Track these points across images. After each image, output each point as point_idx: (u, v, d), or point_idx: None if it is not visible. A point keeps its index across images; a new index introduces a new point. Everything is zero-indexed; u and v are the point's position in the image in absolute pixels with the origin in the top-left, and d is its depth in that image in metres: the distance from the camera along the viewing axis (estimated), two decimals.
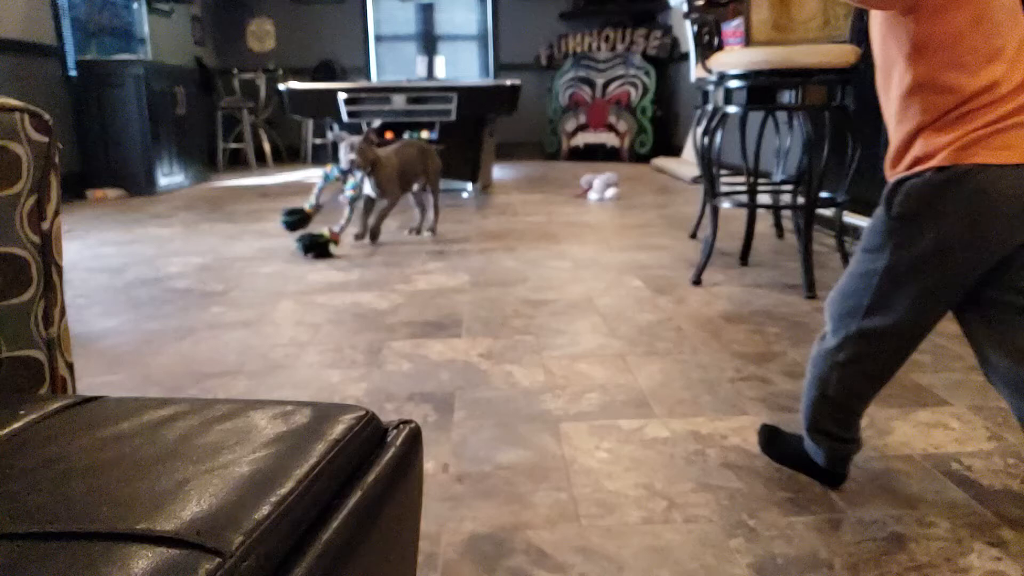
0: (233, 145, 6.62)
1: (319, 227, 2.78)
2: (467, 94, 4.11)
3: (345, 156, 2.70)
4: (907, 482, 1.06)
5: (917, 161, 0.84)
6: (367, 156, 2.73)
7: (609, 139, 6.44)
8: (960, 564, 0.87)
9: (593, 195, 4.17)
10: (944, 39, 0.80)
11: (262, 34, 7.07)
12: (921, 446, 1.17)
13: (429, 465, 1.13)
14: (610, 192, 4.13)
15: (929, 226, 0.82)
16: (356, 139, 2.74)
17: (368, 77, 7.21)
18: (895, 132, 0.87)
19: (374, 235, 2.89)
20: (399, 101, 4.13)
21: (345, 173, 2.77)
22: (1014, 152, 0.78)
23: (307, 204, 2.83)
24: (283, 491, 0.43)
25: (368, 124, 3.31)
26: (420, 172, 3.00)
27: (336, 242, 2.71)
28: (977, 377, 1.45)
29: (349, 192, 2.82)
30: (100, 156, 4.62)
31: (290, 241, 2.87)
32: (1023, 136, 0.78)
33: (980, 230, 0.81)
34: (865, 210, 2.53)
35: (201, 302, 2.13)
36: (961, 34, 0.79)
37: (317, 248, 2.65)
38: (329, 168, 2.85)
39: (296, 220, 2.82)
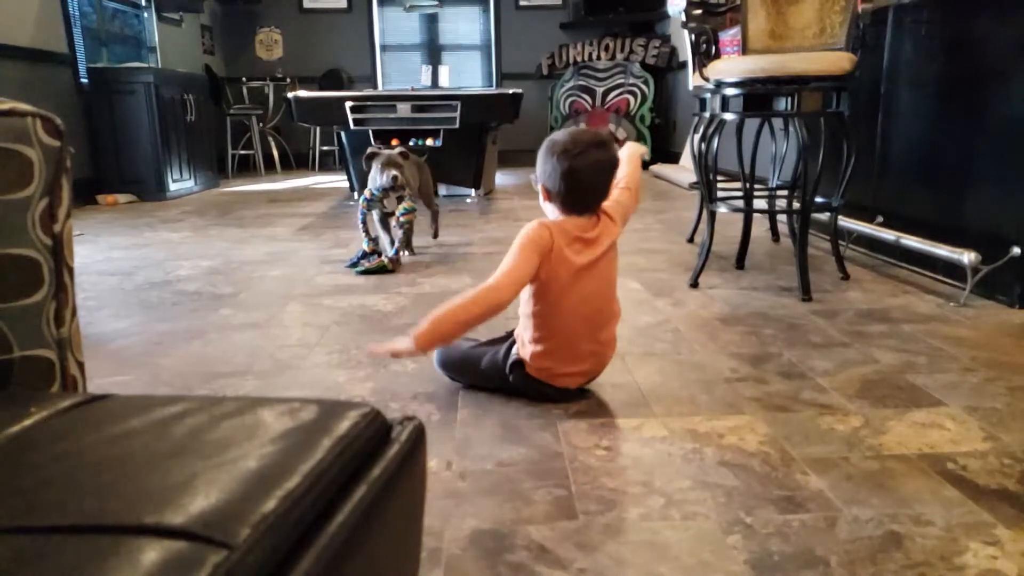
0: (242, 151, 6.67)
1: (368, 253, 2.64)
2: (470, 102, 4.14)
3: (384, 175, 2.53)
4: (903, 481, 1.07)
5: (523, 344, 1.36)
6: (406, 171, 2.58)
7: None
8: (956, 563, 0.88)
9: None
10: (532, 309, 1.33)
11: (270, 43, 7.12)
12: (916, 446, 1.18)
13: (433, 463, 1.14)
14: None
15: (524, 387, 1.38)
16: (392, 153, 2.57)
17: (374, 85, 7.25)
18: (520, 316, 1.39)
19: (410, 246, 2.81)
20: (404, 109, 4.16)
21: (387, 191, 2.56)
22: (554, 379, 1.36)
23: (364, 244, 2.61)
24: (290, 486, 0.43)
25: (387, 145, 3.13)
26: (417, 183, 3.00)
27: (394, 269, 2.54)
28: (972, 378, 1.46)
29: (403, 217, 2.61)
30: (111, 162, 4.67)
31: (300, 247, 2.89)
32: (558, 373, 1.36)
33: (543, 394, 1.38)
34: (860, 214, 2.55)
35: (210, 304, 2.15)
36: (535, 311, 1.32)
37: (378, 273, 2.52)
38: (368, 194, 2.60)
39: (369, 263, 2.57)
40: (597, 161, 1.28)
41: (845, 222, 2.50)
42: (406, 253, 2.75)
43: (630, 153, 1.58)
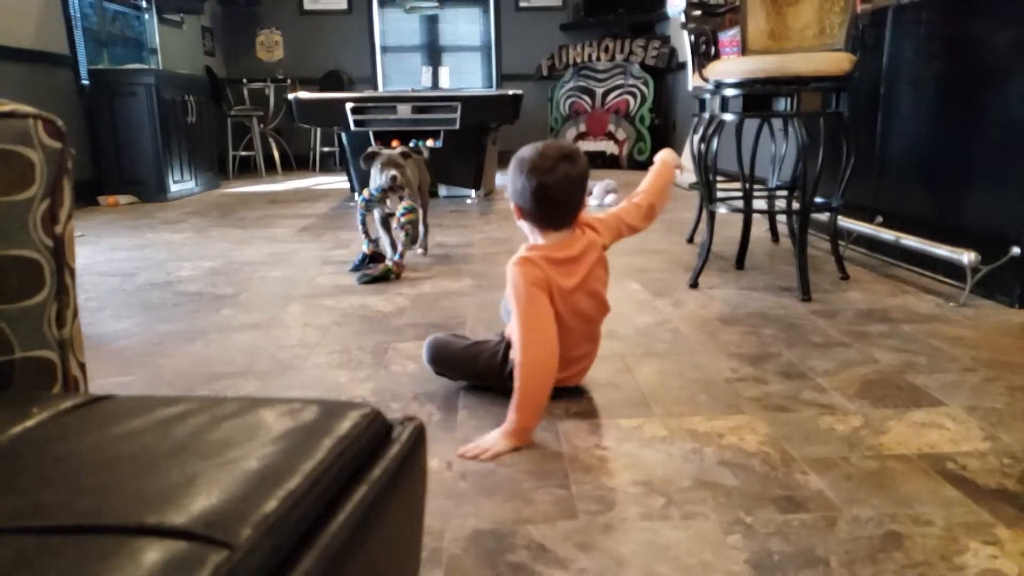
0: (243, 153, 6.68)
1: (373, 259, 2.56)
2: (470, 103, 4.14)
3: (384, 175, 2.45)
4: (902, 481, 1.07)
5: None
6: (407, 172, 2.47)
7: (608, 147, 6.47)
8: (956, 562, 0.88)
9: (593, 201, 4.19)
10: None
11: (271, 44, 7.13)
12: (916, 445, 1.18)
13: (433, 463, 1.14)
14: (609, 198, 4.15)
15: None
16: (392, 153, 2.48)
17: (374, 87, 7.26)
18: None
19: (416, 243, 2.68)
20: (405, 110, 4.17)
21: (386, 191, 2.47)
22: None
23: (364, 246, 2.54)
24: (291, 485, 0.43)
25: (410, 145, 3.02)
26: (418, 182, 2.93)
27: (399, 274, 2.44)
28: (972, 378, 1.46)
29: (404, 218, 2.46)
30: (112, 163, 4.67)
31: (300, 248, 2.89)
32: (558, 378, 1.31)
33: None
34: (860, 215, 2.55)
35: (211, 305, 2.16)
36: None
37: (382, 280, 2.40)
38: (367, 194, 2.50)
39: (366, 266, 2.51)
40: (567, 175, 1.26)
41: (845, 222, 2.51)
42: (418, 251, 2.69)
43: (663, 159, 1.52)
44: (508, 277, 1.27)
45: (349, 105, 4.16)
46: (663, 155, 1.55)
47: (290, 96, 4.34)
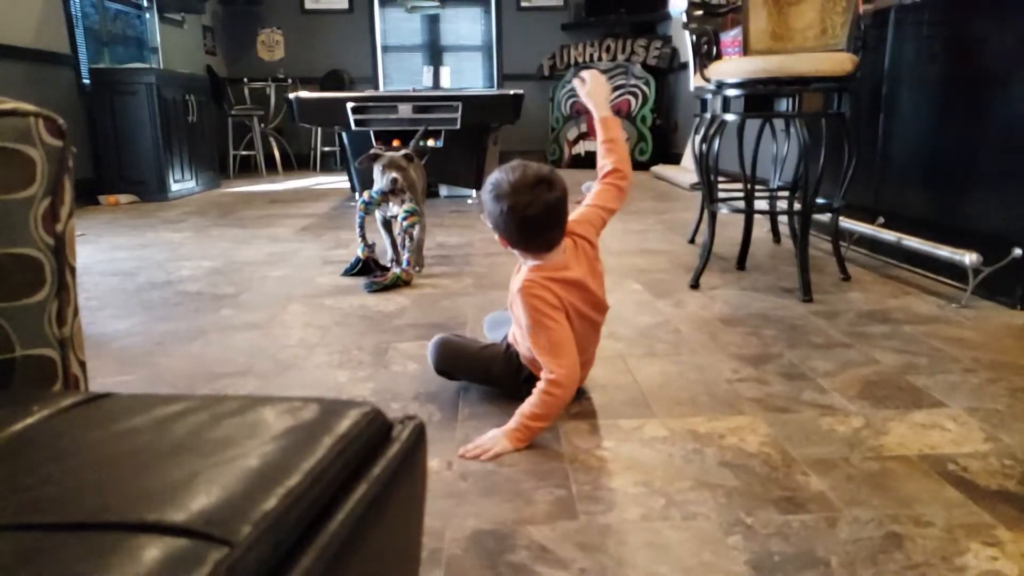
0: (243, 152, 6.69)
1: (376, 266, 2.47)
2: (471, 103, 4.14)
3: (384, 178, 2.36)
4: (903, 482, 1.07)
5: (532, 365, 1.33)
6: (410, 174, 2.39)
7: None
8: (956, 563, 0.88)
9: None
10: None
11: (272, 44, 7.14)
12: (917, 447, 1.18)
13: (433, 463, 1.14)
14: None
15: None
16: (394, 155, 2.40)
17: (375, 86, 7.27)
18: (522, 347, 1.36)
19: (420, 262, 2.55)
20: (405, 110, 4.17)
21: (386, 194, 2.38)
22: None
23: (359, 250, 2.46)
24: (291, 483, 0.43)
25: (414, 143, 2.88)
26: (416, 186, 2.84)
27: (408, 281, 2.35)
28: (973, 379, 1.46)
29: (406, 221, 2.39)
30: (113, 162, 4.68)
31: (301, 248, 2.88)
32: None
33: None
34: (861, 215, 2.54)
35: (212, 305, 2.16)
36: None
37: (391, 289, 2.31)
38: (367, 196, 2.41)
39: (359, 270, 2.46)
40: (547, 203, 1.23)
41: (846, 223, 2.50)
42: (417, 269, 2.50)
43: (601, 117, 1.43)
44: (518, 303, 1.25)
45: (350, 105, 4.16)
46: (593, 105, 1.43)
47: (291, 95, 4.34)
